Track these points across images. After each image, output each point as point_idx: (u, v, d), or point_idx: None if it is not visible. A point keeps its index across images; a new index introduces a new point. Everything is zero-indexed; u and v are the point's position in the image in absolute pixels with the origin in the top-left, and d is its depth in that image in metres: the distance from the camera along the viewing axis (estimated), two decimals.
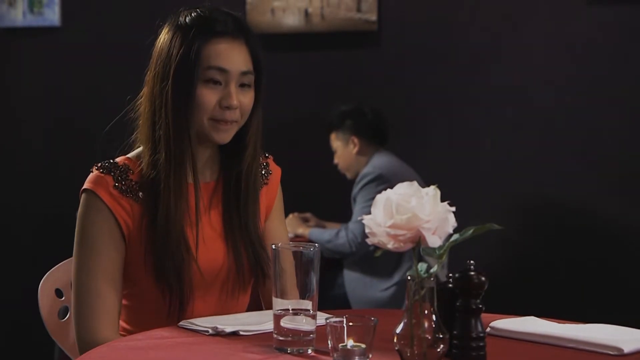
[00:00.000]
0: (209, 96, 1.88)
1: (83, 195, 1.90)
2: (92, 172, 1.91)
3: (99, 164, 1.91)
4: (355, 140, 4.11)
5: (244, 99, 1.91)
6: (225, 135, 1.91)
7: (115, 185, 1.88)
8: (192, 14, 1.91)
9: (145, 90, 1.94)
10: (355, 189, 4.03)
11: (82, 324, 1.84)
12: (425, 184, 1.51)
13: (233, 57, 1.89)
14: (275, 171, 2.08)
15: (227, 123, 1.89)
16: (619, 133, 4.11)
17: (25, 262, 4.72)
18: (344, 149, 4.16)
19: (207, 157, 1.96)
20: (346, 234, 3.94)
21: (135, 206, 1.88)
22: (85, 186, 1.90)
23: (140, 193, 1.89)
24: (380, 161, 4.05)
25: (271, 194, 2.06)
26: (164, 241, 1.86)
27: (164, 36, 1.92)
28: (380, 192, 4.63)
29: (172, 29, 1.91)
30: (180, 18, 1.92)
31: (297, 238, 4.10)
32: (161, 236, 1.86)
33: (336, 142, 4.19)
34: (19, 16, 4.91)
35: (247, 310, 2.01)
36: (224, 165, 1.98)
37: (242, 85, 1.91)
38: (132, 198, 1.88)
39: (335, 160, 4.21)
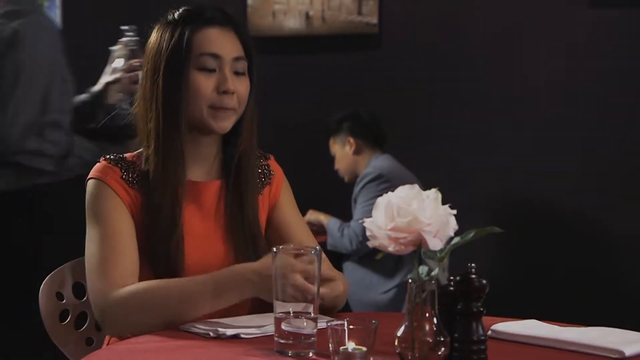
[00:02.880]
0: (204, 82, 1.89)
1: (90, 183, 1.89)
2: (99, 162, 1.91)
3: (108, 156, 1.92)
4: (352, 140, 4.13)
5: (240, 87, 1.91)
6: (225, 124, 1.91)
7: (122, 176, 1.88)
8: (179, 10, 1.94)
9: (139, 93, 1.96)
10: (356, 190, 4.04)
11: (100, 279, 1.79)
12: (425, 186, 1.51)
13: (225, 43, 1.91)
14: (277, 171, 2.07)
15: (225, 110, 1.90)
16: (620, 135, 4.11)
17: (26, 264, 4.71)
18: (341, 151, 4.18)
19: (210, 155, 1.96)
20: (348, 232, 3.96)
21: (140, 199, 1.88)
22: (91, 175, 1.89)
23: (142, 189, 1.89)
24: (379, 162, 4.07)
25: (275, 192, 2.05)
26: (164, 241, 1.86)
27: (153, 36, 1.95)
28: (381, 191, 4.67)
29: (162, 27, 1.94)
30: (169, 16, 1.95)
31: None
32: (161, 235, 1.86)
33: (334, 146, 4.21)
34: None
35: (249, 313, 2.00)
36: (225, 163, 1.98)
37: (236, 74, 1.91)
38: (138, 191, 1.89)
39: (336, 166, 4.23)
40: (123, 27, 2.75)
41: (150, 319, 1.74)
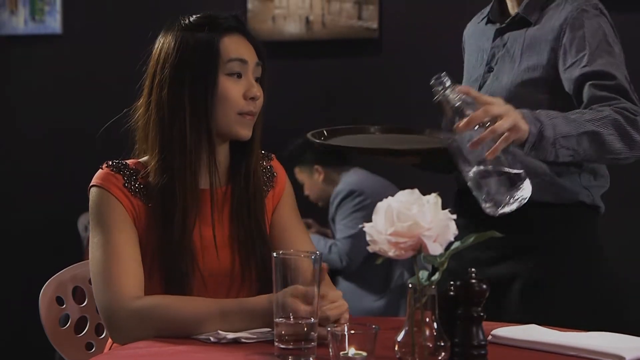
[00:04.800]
0: (234, 89, 1.89)
1: (93, 190, 1.87)
2: (101, 169, 1.89)
3: (110, 162, 1.90)
4: (319, 168, 4.09)
5: (260, 93, 1.93)
6: (249, 131, 1.92)
7: (125, 184, 1.87)
8: (194, 17, 1.93)
9: (144, 100, 1.92)
10: (332, 209, 4.02)
11: (110, 287, 1.78)
12: (422, 192, 1.50)
13: (247, 49, 1.92)
14: (280, 172, 2.06)
15: (251, 116, 1.91)
16: None
17: (26, 267, 4.72)
18: (310, 180, 4.13)
19: (221, 163, 1.95)
20: (337, 250, 3.93)
21: (142, 208, 1.87)
22: (94, 182, 1.87)
23: (146, 199, 1.88)
24: (349, 178, 4.04)
25: (277, 194, 2.04)
26: (177, 248, 1.84)
27: (166, 42, 1.91)
28: (356, 205, 4.59)
29: (177, 33, 1.90)
30: (183, 22, 1.92)
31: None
32: (174, 243, 1.84)
33: (301, 174, 4.16)
34: (20, 24, 4.92)
35: None
36: (233, 170, 1.97)
37: (255, 80, 1.93)
38: (140, 199, 1.87)
39: (306, 192, 4.18)
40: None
41: (160, 332, 1.74)
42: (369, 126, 2.38)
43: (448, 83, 1.78)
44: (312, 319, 1.58)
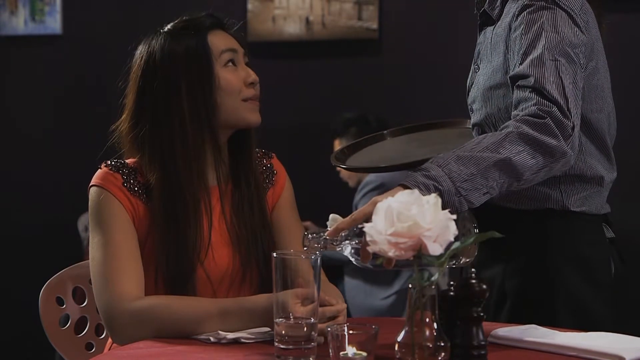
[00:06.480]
0: (234, 78, 1.92)
1: (92, 190, 1.88)
2: (100, 168, 1.90)
3: (108, 162, 1.91)
4: None
5: (257, 78, 1.96)
6: (258, 116, 1.95)
7: (124, 183, 1.88)
8: (172, 23, 1.95)
9: (131, 113, 1.92)
10: (357, 197, 4.02)
11: (110, 288, 1.79)
12: None
13: (232, 41, 1.96)
14: (280, 171, 2.07)
15: (256, 101, 1.94)
16: (623, 137, 4.10)
17: (26, 268, 4.72)
18: None
19: (220, 160, 1.96)
20: None
21: (141, 207, 1.88)
22: (93, 182, 1.89)
23: (146, 197, 1.88)
24: None
25: (277, 193, 2.05)
26: (183, 248, 1.85)
27: (151, 53, 1.91)
28: None
29: (162, 42, 1.92)
30: (163, 31, 1.94)
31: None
32: (181, 242, 1.85)
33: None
34: (20, 24, 4.92)
35: None
36: (233, 167, 1.98)
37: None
38: (139, 198, 1.88)
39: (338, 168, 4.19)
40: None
41: (160, 332, 1.74)
42: (383, 132, 2.40)
43: (318, 235, 1.73)
44: (312, 319, 1.58)
